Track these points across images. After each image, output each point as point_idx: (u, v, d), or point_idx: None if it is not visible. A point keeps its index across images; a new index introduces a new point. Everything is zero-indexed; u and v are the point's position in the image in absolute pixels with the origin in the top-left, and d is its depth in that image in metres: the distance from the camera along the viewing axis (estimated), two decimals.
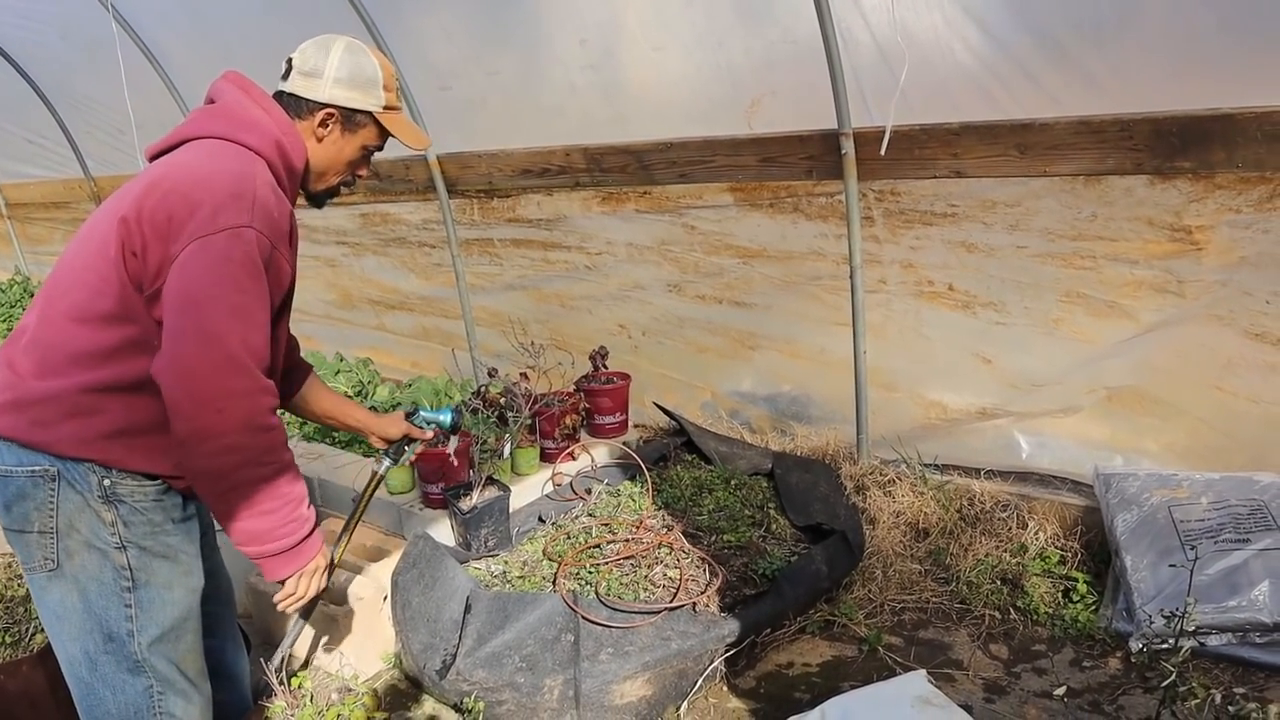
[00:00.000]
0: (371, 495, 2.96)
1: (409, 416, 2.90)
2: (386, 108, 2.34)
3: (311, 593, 2.31)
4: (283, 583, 2.25)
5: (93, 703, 2.18)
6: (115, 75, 5.07)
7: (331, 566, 2.90)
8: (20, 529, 2.10)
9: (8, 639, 2.88)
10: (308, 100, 2.27)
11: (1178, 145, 3.03)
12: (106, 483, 2.07)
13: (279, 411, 2.16)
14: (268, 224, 2.04)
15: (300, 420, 4.74)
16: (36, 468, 2.05)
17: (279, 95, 2.29)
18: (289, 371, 2.63)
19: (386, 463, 2.90)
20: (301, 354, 2.75)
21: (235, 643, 2.64)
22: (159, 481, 2.15)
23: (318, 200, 2.46)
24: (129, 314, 2.01)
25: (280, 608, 2.30)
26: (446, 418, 2.94)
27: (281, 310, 2.25)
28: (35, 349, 2.05)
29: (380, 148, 2.41)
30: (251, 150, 2.14)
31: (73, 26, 6.23)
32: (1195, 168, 3.03)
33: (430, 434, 2.92)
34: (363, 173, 2.45)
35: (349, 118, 2.30)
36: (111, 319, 2.01)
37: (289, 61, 2.31)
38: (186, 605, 2.24)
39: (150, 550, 2.14)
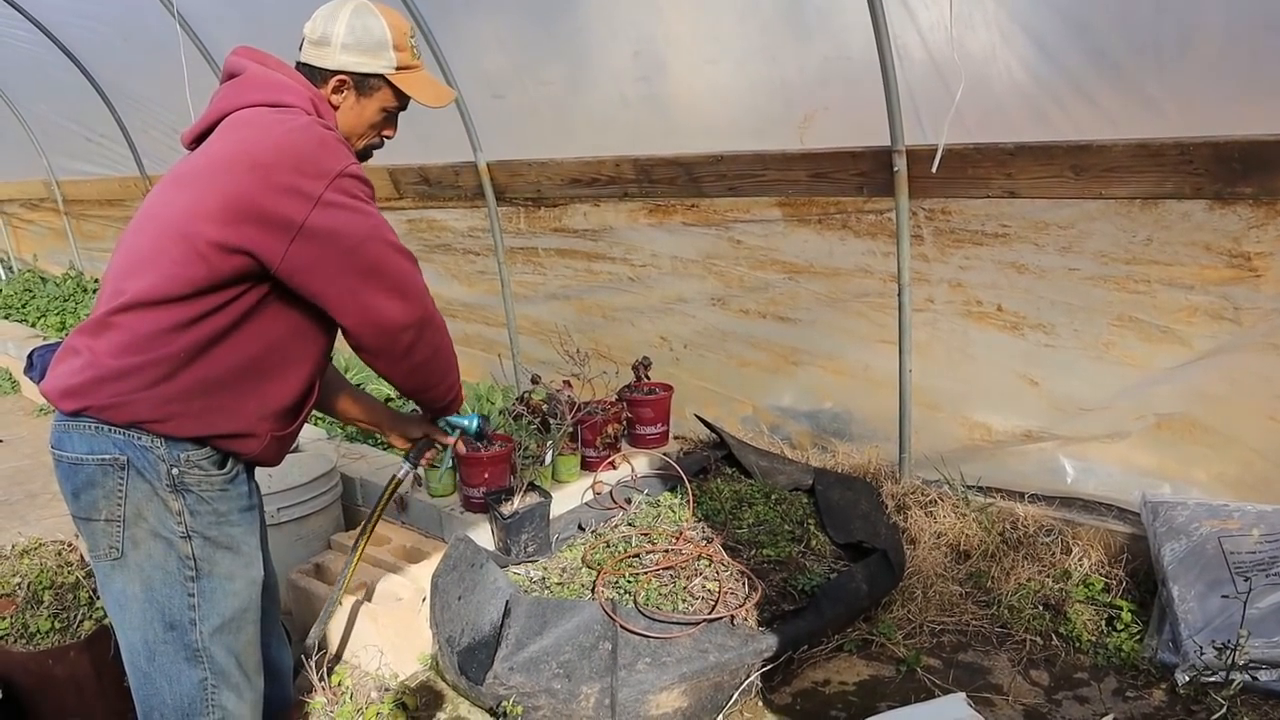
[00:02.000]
0: (389, 499, 2.92)
1: (434, 419, 2.79)
2: (400, 68, 2.30)
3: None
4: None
5: (149, 692, 2.20)
6: (172, 74, 5.16)
7: (357, 553, 2.96)
8: (88, 516, 2.11)
9: (57, 625, 2.91)
10: (320, 69, 2.26)
11: (1239, 170, 2.99)
12: (175, 471, 2.08)
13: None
14: (347, 157, 2.08)
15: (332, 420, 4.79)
16: (106, 456, 2.06)
17: (296, 67, 2.30)
18: None
19: (405, 466, 2.85)
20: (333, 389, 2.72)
21: (280, 639, 2.65)
22: (225, 470, 2.16)
23: None
24: (210, 288, 2.01)
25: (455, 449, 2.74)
26: (473, 423, 2.82)
27: None
28: (110, 331, 2.04)
29: (402, 107, 2.37)
30: (296, 108, 2.15)
31: (135, 27, 6.35)
32: (1257, 194, 2.99)
33: (451, 439, 2.79)
34: (389, 133, 2.42)
35: (361, 82, 2.28)
36: (189, 298, 2.01)
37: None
38: (247, 597, 2.24)
39: (214, 541, 2.15)
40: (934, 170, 3.50)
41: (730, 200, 4.27)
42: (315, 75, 2.27)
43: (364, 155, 2.40)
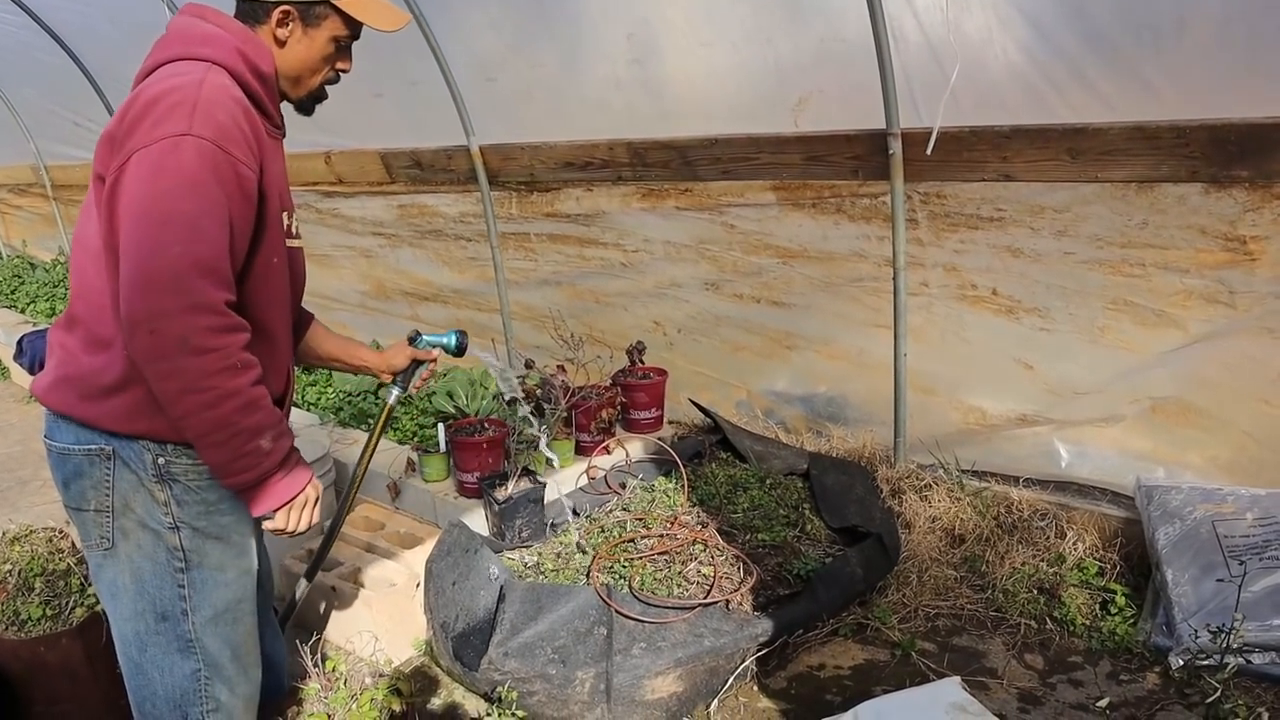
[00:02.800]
0: (385, 425, 2.90)
1: (412, 342, 2.82)
2: None
3: (301, 527, 2.12)
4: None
5: (141, 683, 2.18)
6: None
7: (350, 499, 2.90)
8: (78, 506, 2.10)
9: (48, 612, 2.90)
10: (261, 2, 2.10)
11: (1235, 153, 2.98)
12: (161, 461, 2.05)
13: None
14: (216, 131, 1.87)
15: (332, 406, 4.77)
16: (93, 447, 2.04)
17: (238, 7, 2.14)
18: (295, 321, 2.50)
19: (396, 391, 2.83)
20: (314, 334, 2.69)
21: (273, 629, 2.64)
22: None
23: (304, 107, 2.29)
24: None
25: (270, 532, 2.15)
26: (451, 339, 2.86)
27: (263, 230, 2.07)
28: (78, 326, 2.03)
29: (354, 36, 2.21)
30: (208, 61, 1.99)
31: (122, 10, 6.28)
32: (1253, 177, 2.98)
33: (436, 354, 2.83)
34: (344, 66, 2.25)
35: (306, 12, 2.12)
36: None
37: None
38: (240, 587, 2.22)
39: (203, 531, 2.12)
40: (928, 152, 3.48)
41: (724, 184, 4.25)
42: (258, 11, 2.11)
43: (318, 96, 2.28)
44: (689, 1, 3.93)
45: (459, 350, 2.88)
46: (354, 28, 2.18)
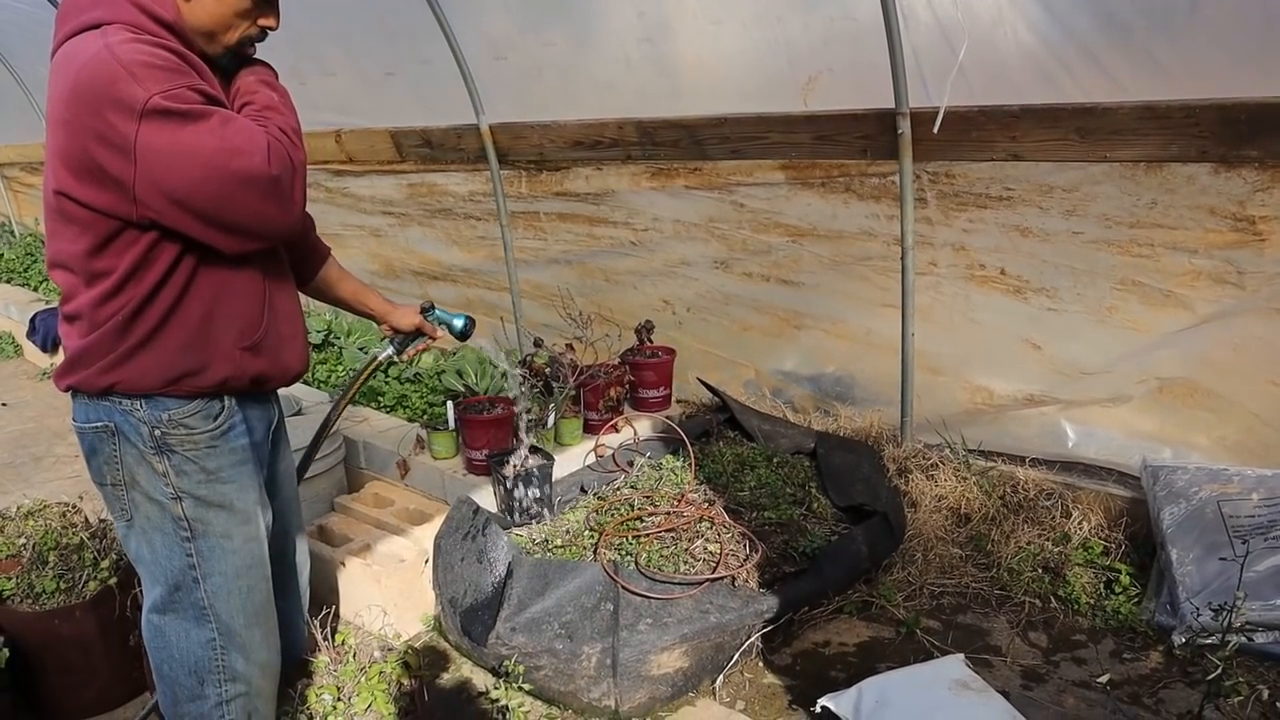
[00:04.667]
0: (367, 377, 2.90)
1: (424, 312, 2.81)
2: None
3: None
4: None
5: (159, 645, 2.24)
6: None
7: (329, 424, 2.93)
8: (100, 481, 2.17)
9: (62, 585, 2.94)
10: None
11: (1245, 133, 2.97)
12: (158, 433, 2.09)
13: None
14: (159, 77, 1.84)
15: (342, 383, 4.80)
16: (98, 424, 2.10)
17: None
18: (306, 255, 2.57)
19: (390, 349, 2.81)
20: (327, 273, 2.67)
21: (301, 615, 2.69)
22: (216, 424, 2.15)
23: (222, 65, 2.15)
24: (103, 249, 1.97)
25: None
26: (459, 322, 2.86)
27: None
28: (65, 317, 2.11)
29: None
30: (101, 25, 1.92)
31: None
32: (1262, 157, 2.97)
33: (440, 333, 2.84)
34: (268, 23, 2.11)
35: None
36: (96, 254, 1.98)
37: None
38: (249, 554, 2.25)
39: (205, 500, 2.16)
40: (935, 131, 3.47)
41: (733, 163, 4.25)
42: None
43: (238, 54, 2.15)
44: None
45: (462, 335, 2.89)
46: None
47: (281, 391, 2.51)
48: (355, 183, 6.19)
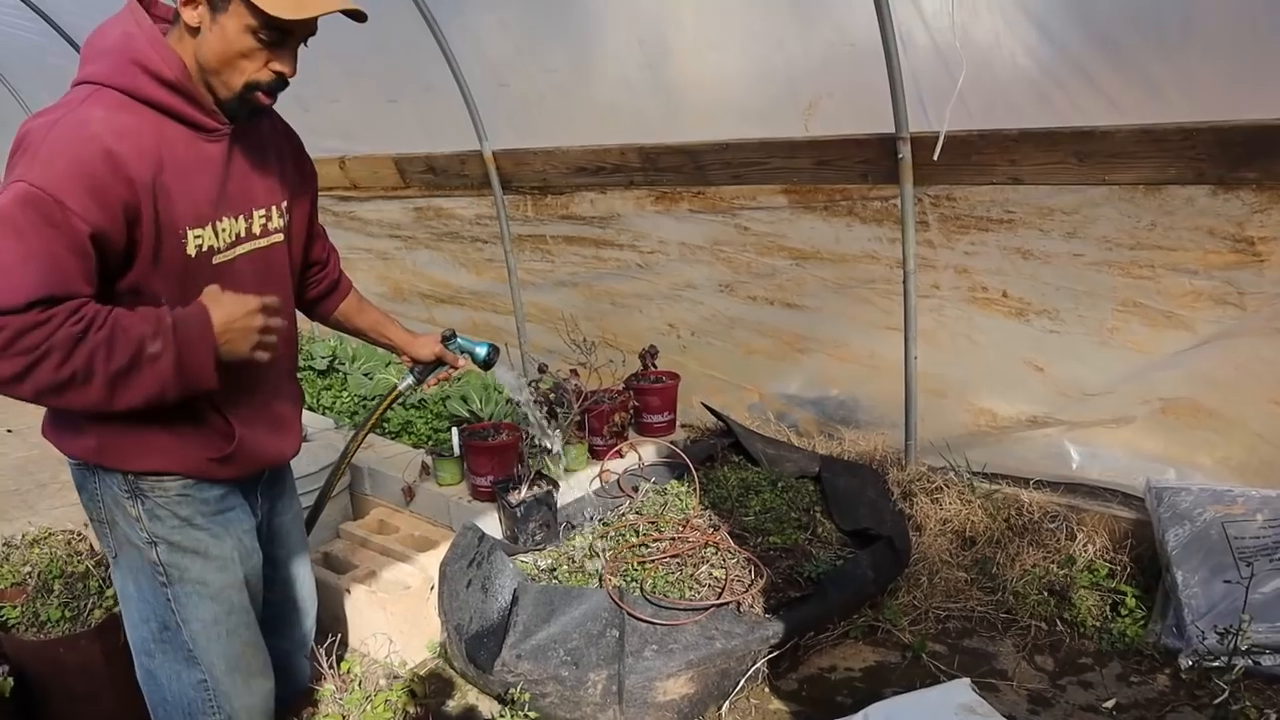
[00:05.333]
0: (387, 407, 2.89)
1: (446, 340, 2.77)
2: None
3: (252, 342, 1.97)
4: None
5: (152, 688, 2.23)
6: None
7: (346, 458, 2.88)
8: (88, 518, 2.17)
9: (67, 614, 2.95)
10: None
11: (1243, 155, 2.98)
12: (130, 478, 2.06)
13: None
14: (50, 178, 1.73)
15: (347, 410, 4.81)
16: (79, 460, 2.12)
17: None
18: (329, 291, 2.58)
19: (409, 379, 2.79)
20: (348, 306, 2.66)
21: (303, 656, 2.66)
22: (178, 476, 2.09)
23: (232, 113, 2.01)
24: None
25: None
26: (482, 350, 2.81)
27: (157, 260, 1.91)
28: None
29: (274, 29, 1.90)
30: (94, 84, 1.86)
31: None
32: (1260, 178, 2.98)
33: (463, 363, 2.79)
34: (280, 68, 1.96)
35: None
36: None
37: None
38: (227, 601, 2.19)
39: (179, 546, 2.11)
40: (935, 158, 3.49)
41: (736, 188, 4.27)
42: None
43: (249, 103, 1.99)
44: (699, 5, 3.95)
45: (486, 364, 2.85)
46: (263, 17, 1.87)
47: None
48: (361, 207, 6.23)
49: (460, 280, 5.99)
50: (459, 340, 2.79)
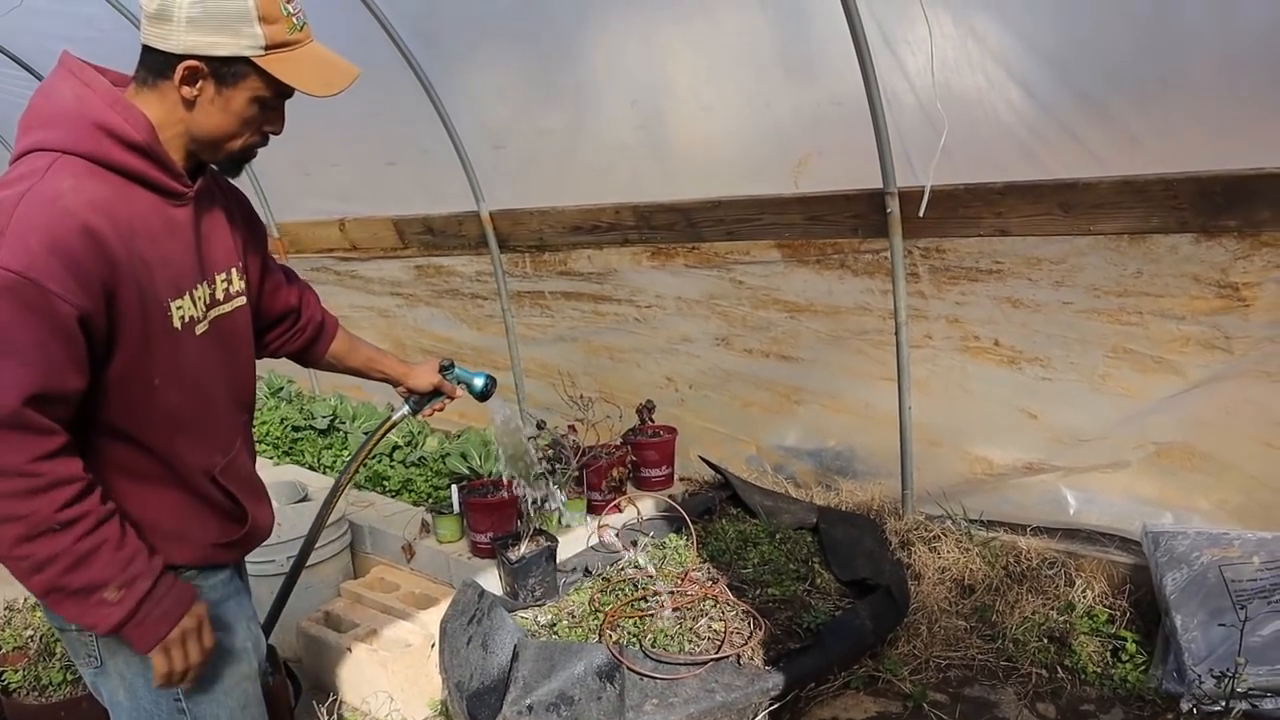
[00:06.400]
0: (381, 437, 2.84)
1: (444, 370, 2.72)
2: (271, 46, 1.78)
3: (178, 667, 1.85)
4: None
5: None
6: None
7: (335, 496, 2.82)
8: (62, 626, 1.96)
9: (69, 677, 2.96)
10: (163, 53, 1.76)
11: (1223, 204, 3.05)
12: None
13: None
14: (25, 260, 1.59)
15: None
16: None
17: (141, 57, 1.82)
18: (315, 336, 2.48)
19: (405, 409, 2.74)
20: (338, 347, 2.57)
21: None
22: (184, 569, 1.97)
23: (225, 170, 2.00)
24: None
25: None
26: (480, 381, 2.79)
27: (143, 339, 1.80)
28: None
29: (283, 94, 1.87)
30: (53, 151, 1.72)
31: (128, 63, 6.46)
32: (1241, 226, 3.05)
33: (459, 392, 2.77)
34: (273, 128, 1.93)
35: (220, 70, 1.78)
36: None
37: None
38: (242, 694, 2.06)
39: None
40: (920, 214, 3.56)
41: (730, 243, 4.34)
42: (160, 65, 1.78)
43: (244, 156, 1.95)
44: (690, 68, 4.05)
45: (482, 396, 2.82)
46: (279, 87, 1.84)
47: (289, 477, 2.45)
48: (362, 266, 6.30)
49: (461, 336, 6.04)
50: (457, 371, 2.77)
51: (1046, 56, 3.20)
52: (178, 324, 1.86)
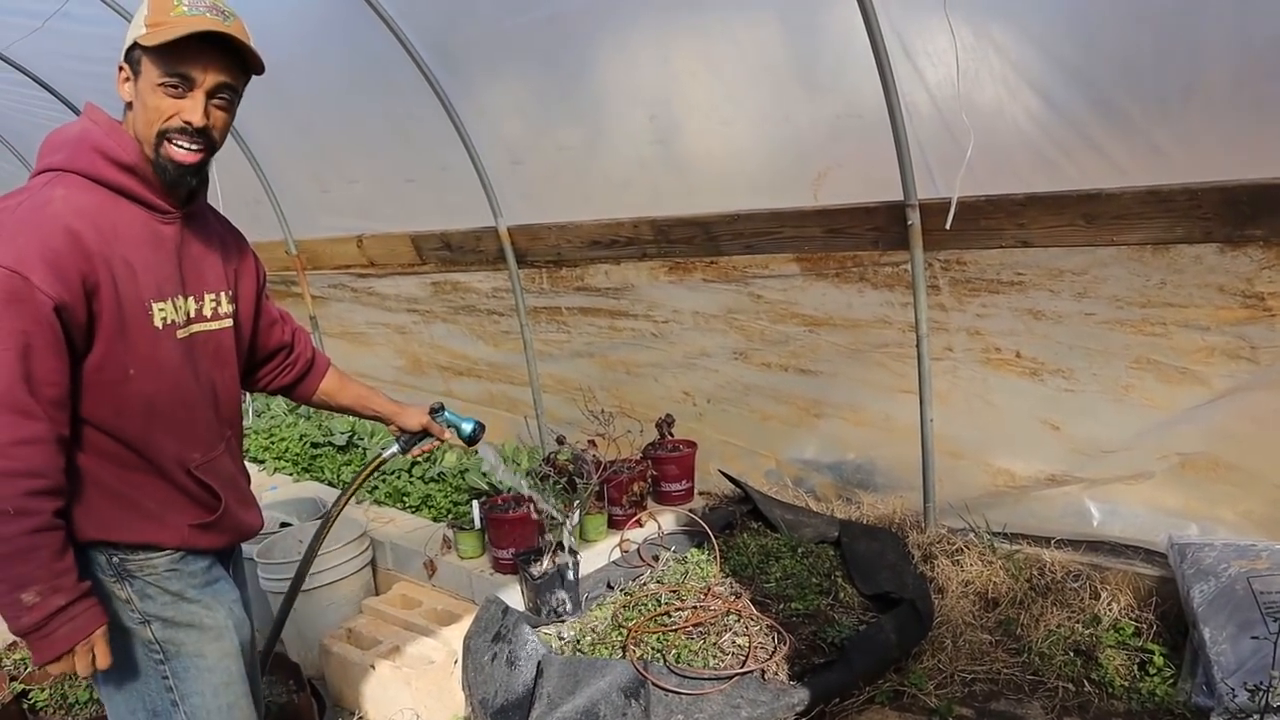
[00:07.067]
0: (371, 473, 2.86)
1: (434, 413, 2.76)
2: (151, 25, 1.92)
3: (65, 670, 1.94)
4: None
5: None
6: None
7: (325, 529, 2.83)
8: None
9: (94, 695, 2.96)
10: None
11: (1248, 213, 3.03)
12: (115, 559, 2.03)
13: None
14: (14, 256, 1.80)
15: (368, 484, 4.84)
16: None
17: None
18: (305, 373, 2.61)
19: (395, 448, 2.78)
20: (328, 384, 2.69)
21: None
22: (166, 551, 2.09)
23: (176, 178, 2.04)
24: None
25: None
26: (468, 426, 2.82)
27: (120, 337, 1.97)
28: None
29: (177, 75, 1.94)
30: (55, 170, 1.97)
31: None
32: (1267, 235, 3.03)
33: (448, 435, 2.79)
34: (188, 118, 1.97)
35: (131, 62, 1.99)
36: None
37: None
38: (225, 671, 2.16)
39: (174, 621, 2.09)
40: (947, 226, 3.55)
41: (748, 257, 4.34)
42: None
43: (182, 161, 2.01)
44: (709, 82, 4.06)
45: (470, 440, 2.86)
46: (167, 64, 1.93)
47: (309, 493, 2.48)
48: (379, 283, 6.33)
49: (478, 352, 6.06)
50: (446, 414, 2.81)
51: (1067, 66, 3.20)
52: (158, 323, 2.03)
